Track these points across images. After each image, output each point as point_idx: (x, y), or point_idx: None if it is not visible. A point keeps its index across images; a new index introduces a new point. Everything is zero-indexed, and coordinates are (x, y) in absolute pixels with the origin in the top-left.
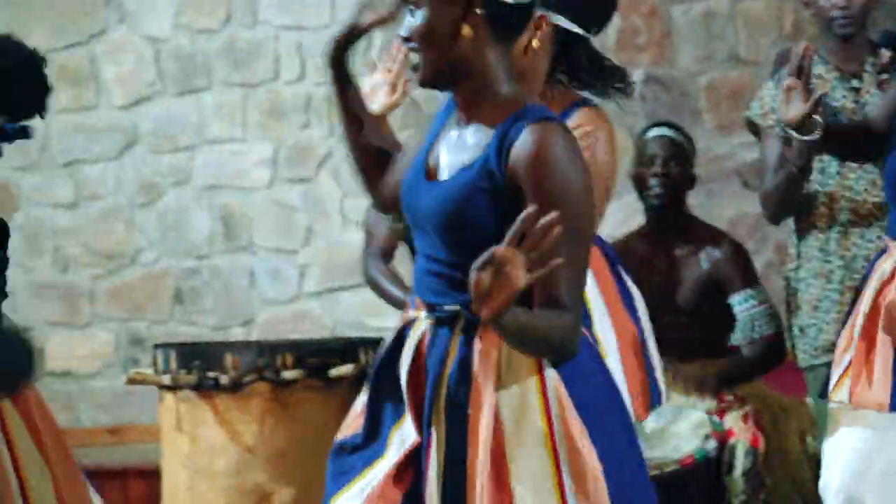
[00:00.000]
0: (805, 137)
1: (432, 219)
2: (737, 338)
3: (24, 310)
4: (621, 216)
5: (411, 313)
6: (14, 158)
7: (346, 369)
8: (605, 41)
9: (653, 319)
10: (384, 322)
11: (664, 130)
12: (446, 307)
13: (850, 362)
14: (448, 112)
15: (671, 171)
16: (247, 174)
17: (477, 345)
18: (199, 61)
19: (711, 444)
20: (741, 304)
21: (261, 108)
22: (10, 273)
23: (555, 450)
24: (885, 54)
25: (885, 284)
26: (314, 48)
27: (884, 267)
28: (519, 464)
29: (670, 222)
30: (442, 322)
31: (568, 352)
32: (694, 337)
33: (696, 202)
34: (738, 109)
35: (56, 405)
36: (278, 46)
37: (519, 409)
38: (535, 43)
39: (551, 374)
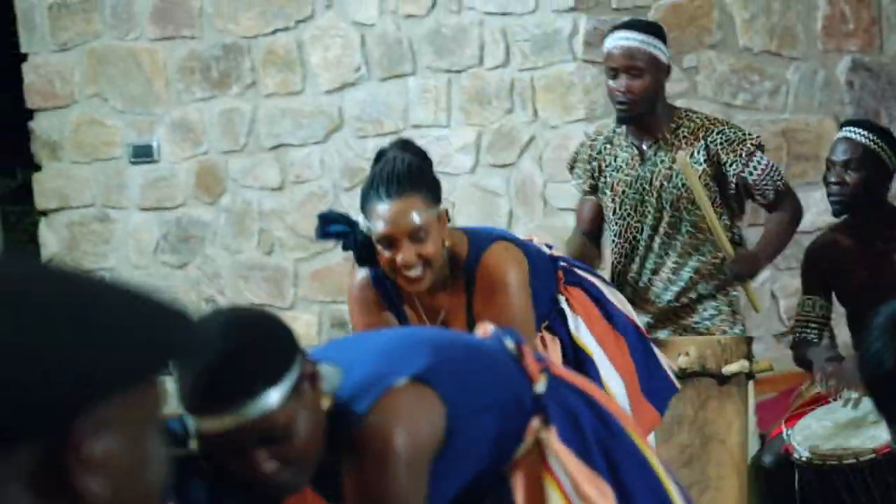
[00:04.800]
0: None
1: None
2: None
3: (230, 291)
4: (826, 204)
5: None
6: (222, 142)
7: None
8: (813, 28)
9: (858, 311)
10: None
11: (848, 131)
12: None
13: None
14: None
15: (846, 178)
16: (450, 159)
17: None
18: (405, 47)
19: None
20: None
21: (465, 93)
22: (217, 254)
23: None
24: None
25: None
26: (519, 34)
27: None
28: None
29: (871, 215)
30: None
31: None
32: None
33: None
34: None
35: None
36: (483, 32)
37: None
38: None
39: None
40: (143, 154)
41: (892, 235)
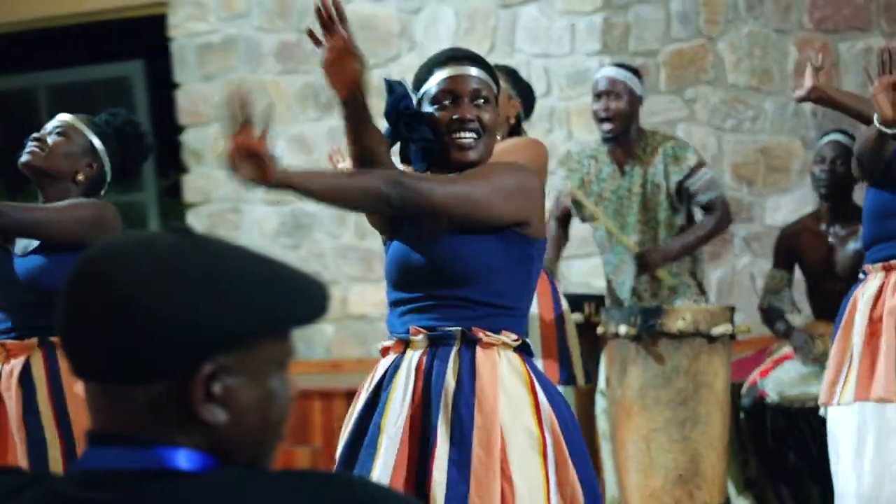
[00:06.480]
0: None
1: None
2: None
3: (332, 267)
4: (793, 206)
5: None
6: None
7: (576, 317)
8: (786, 69)
9: (815, 284)
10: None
11: (835, 136)
12: (448, 329)
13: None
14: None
15: (836, 169)
16: None
17: (480, 358)
18: None
19: None
20: None
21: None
22: (322, 238)
23: (545, 455)
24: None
25: (875, 299)
26: (558, 71)
27: (867, 291)
28: (514, 459)
29: (837, 209)
30: (441, 342)
31: None
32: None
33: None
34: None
35: (354, 341)
36: (530, 69)
37: (514, 414)
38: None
39: (541, 394)
40: None
41: (850, 223)
